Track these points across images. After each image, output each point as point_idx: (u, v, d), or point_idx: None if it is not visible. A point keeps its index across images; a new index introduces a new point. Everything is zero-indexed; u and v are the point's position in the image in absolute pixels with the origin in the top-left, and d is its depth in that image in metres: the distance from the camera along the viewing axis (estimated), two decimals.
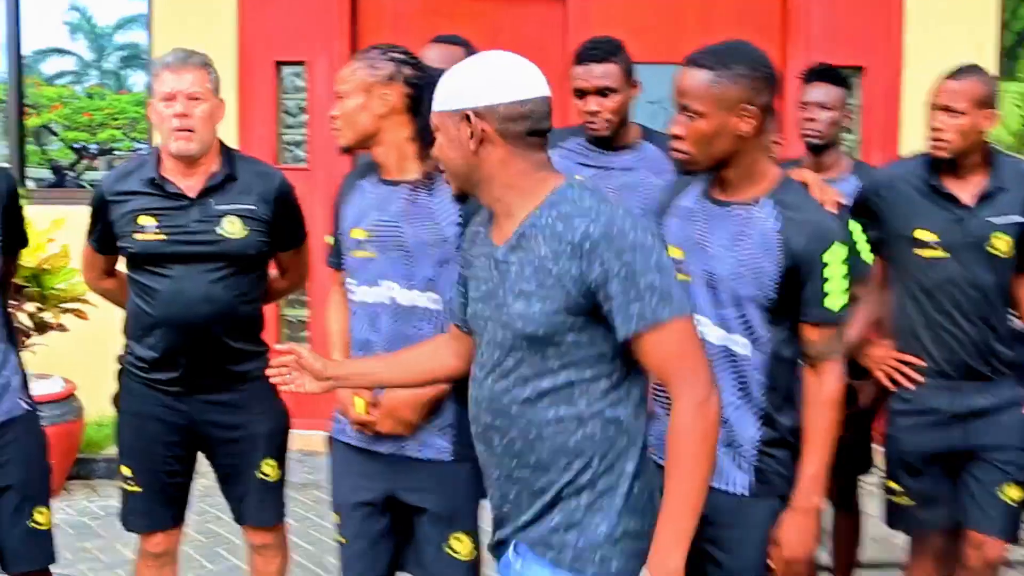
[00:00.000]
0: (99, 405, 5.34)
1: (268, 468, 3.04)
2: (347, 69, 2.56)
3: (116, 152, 6.33)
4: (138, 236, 2.89)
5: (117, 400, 3.08)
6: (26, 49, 6.08)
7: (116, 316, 3.13)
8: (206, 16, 5.68)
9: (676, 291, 1.89)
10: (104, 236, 2.98)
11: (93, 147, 6.30)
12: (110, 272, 3.13)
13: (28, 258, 4.70)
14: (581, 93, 3.04)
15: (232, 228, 2.91)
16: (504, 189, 1.96)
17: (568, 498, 1.95)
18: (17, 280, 4.70)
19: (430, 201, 2.54)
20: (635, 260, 1.85)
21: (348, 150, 2.62)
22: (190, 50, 2.93)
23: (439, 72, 2.41)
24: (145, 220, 2.91)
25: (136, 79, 6.48)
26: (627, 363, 1.94)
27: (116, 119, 6.14)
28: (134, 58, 6.31)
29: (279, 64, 5.73)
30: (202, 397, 2.96)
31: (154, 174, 2.92)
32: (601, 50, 3.02)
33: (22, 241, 2.97)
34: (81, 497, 5.10)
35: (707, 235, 2.29)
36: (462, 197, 2.28)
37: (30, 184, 6.18)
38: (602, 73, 3.00)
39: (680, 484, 1.88)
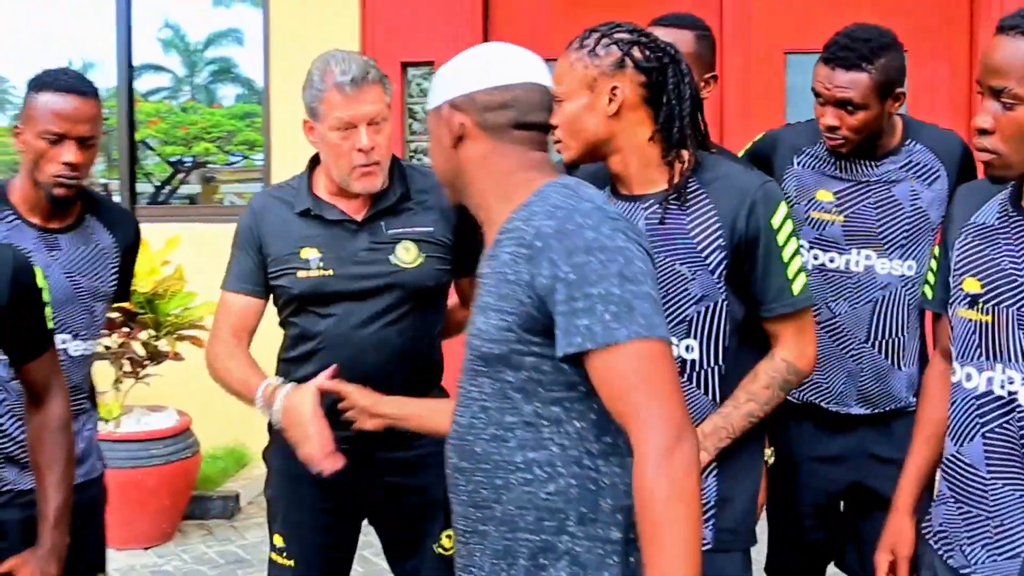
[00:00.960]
0: (213, 437, 5.02)
1: (448, 540, 2.50)
2: (561, 64, 2.04)
3: (210, 164, 6.31)
4: (302, 273, 2.40)
5: (268, 455, 2.60)
6: (108, 67, 5.96)
7: None
8: (327, 14, 5.30)
9: (644, 307, 1.51)
10: (256, 276, 2.45)
11: (188, 160, 6.28)
12: (253, 331, 2.49)
13: (142, 282, 4.36)
14: (820, 99, 2.49)
15: (407, 256, 2.42)
16: (484, 194, 1.71)
17: (543, 568, 1.60)
18: (130, 306, 4.37)
19: (683, 218, 2.01)
20: (589, 263, 1.51)
21: (573, 165, 2.11)
22: (360, 59, 2.37)
23: (676, 51, 1.97)
24: (309, 252, 2.41)
25: (226, 92, 6.56)
26: None
27: (210, 132, 6.11)
28: (224, 72, 6.31)
29: (405, 65, 5.30)
30: (373, 455, 2.43)
31: (311, 198, 2.44)
32: (855, 52, 2.41)
33: (125, 296, 2.67)
34: (197, 540, 4.69)
35: (1021, 262, 1.75)
36: (459, 209, 1.95)
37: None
38: (848, 83, 2.41)
39: (653, 561, 1.45)
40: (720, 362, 2.02)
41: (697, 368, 2.01)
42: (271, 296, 2.47)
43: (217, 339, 2.43)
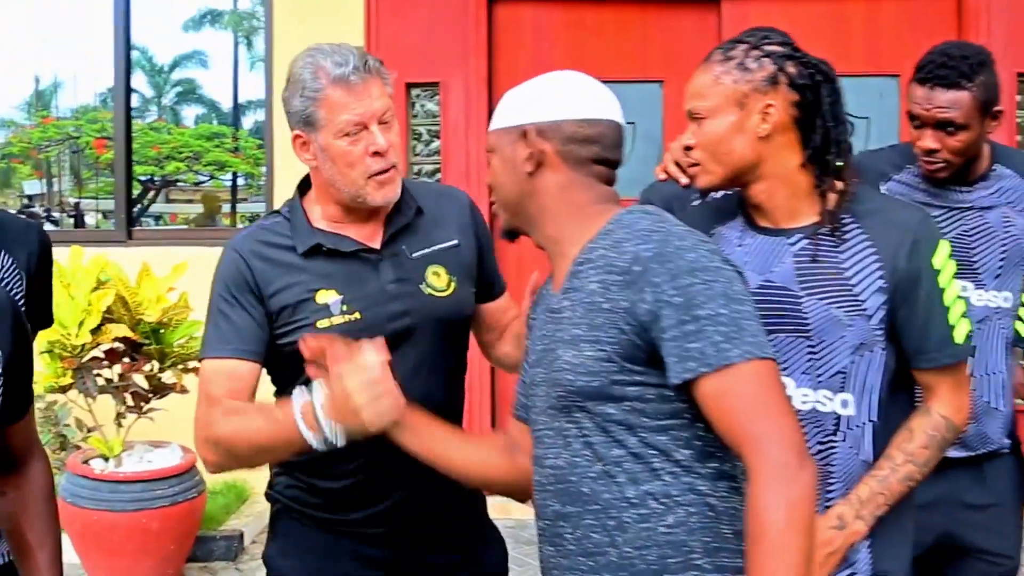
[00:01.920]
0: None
1: None
2: (702, 78, 1.82)
3: (179, 184, 6.32)
4: (323, 323, 1.95)
5: (269, 557, 2.15)
6: (100, 88, 5.92)
7: None
8: (329, 32, 5.10)
9: (752, 327, 1.49)
10: (256, 336, 1.97)
11: (158, 180, 6.28)
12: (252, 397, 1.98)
13: (148, 312, 4.14)
14: (917, 121, 2.33)
15: (439, 282, 2.05)
16: (559, 225, 1.66)
17: None
18: (135, 337, 4.15)
19: (837, 255, 1.80)
20: (694, 285, 1.49)
21: (706, 193, 1.90)
22: (352, 48, 2.00)
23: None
24: (326, 296, 1.97)
25: (189, 112, 6.64)
26: None
27: (181, 152, 6.06)
28: (189, 93, 6.33)
29: (409, 86, 5.14)
30: (418, 535, 2.03)
31: (313, 238, 2.01)
32: (954, 71, 2.27)
33: (47, 322, 2.11)
34: None
35: None
36: (511, 235, 1.78)
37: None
38: (949, 102, 2.26)
39: None
40: (875, 417, 1.80)
41: (851, 425, 1.80)
42: (274, 361, 2.00)
43: (210, 425, 1.86)
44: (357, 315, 1.96)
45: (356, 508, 2.02)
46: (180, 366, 4.31)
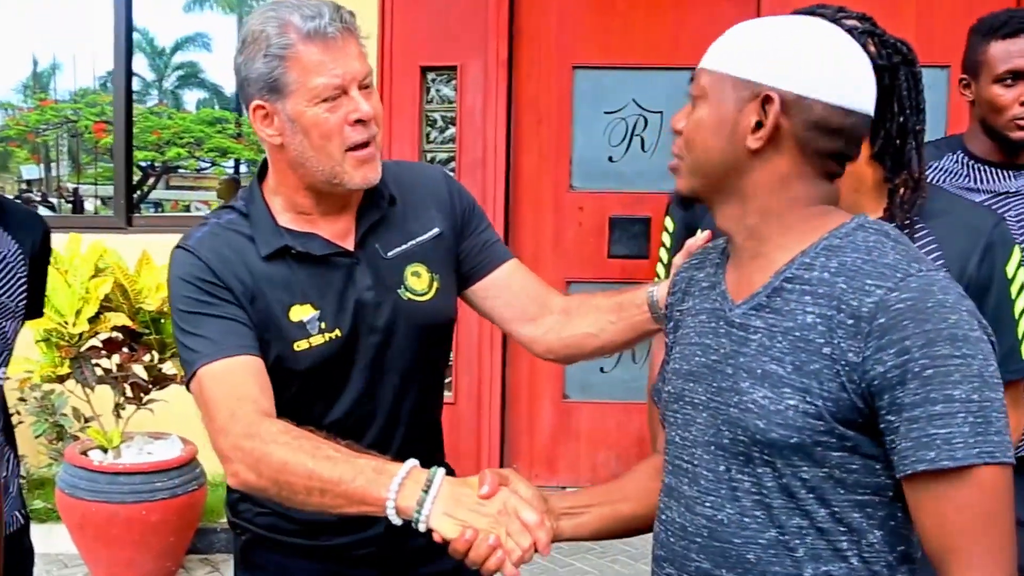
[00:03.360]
0: (213, 461, 4.61)
1: None
2: None
3: (181, 170, 6.23)
4: (301, 345, 1.72)
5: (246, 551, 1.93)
6: (100, 70, 5.88)
7: None
8: None
9: (1000, 423, 1.24)
10: (251, 333, 1.71)
11: (158, 166, 6.22)
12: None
13: (148, 300, 4.03)
14: (1006, 78, 2.26)
15: (419, 284, 1.82)
16: (767, 220, 1.36)
17: None
18: (135, 326, 4.05)
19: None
20: (952, 358, 1.21)
21: None
22: (327, 3, 1.70)
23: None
24: (301, 313, 1.73)
25: (190, 97, 6.64)
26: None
27: (182, 138, 6.03)
28: (191, 76, 6.28)
29: (424, 69, 4.99)
30: (408, 550, 1.78)
31: (280, 238, 1.75)
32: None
33: (38, 311, 2.06)
34: None
35: None
36: (687, 202, 1.49)
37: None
38: None
39: None
40: None
41: None
42: None
43: (244, 433, 1.57)
44: (337, 332, 1.74)
45: (343, 533, 1.81)
46: None
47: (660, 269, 2.33)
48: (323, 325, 1.73)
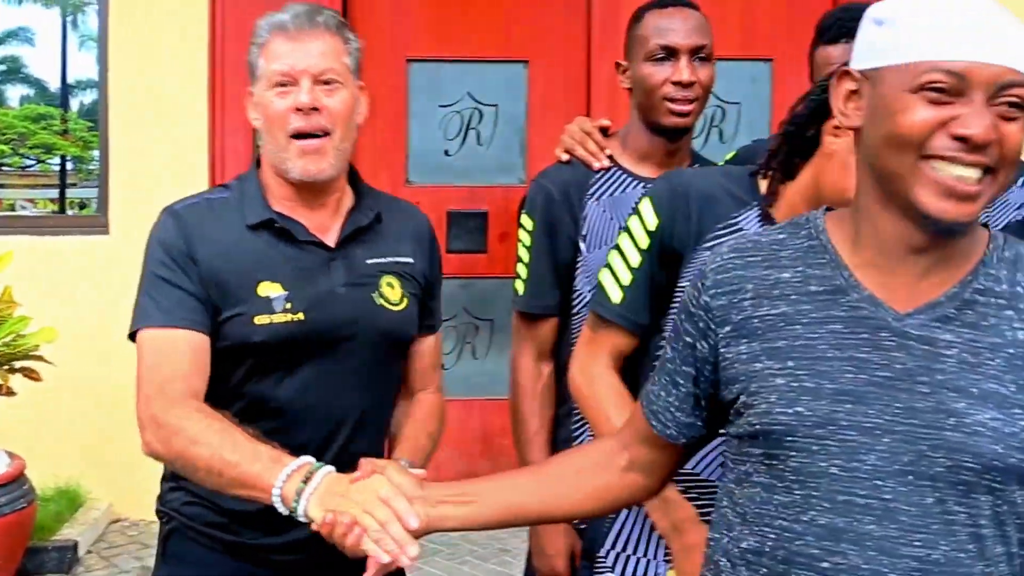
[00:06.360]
0: (43, 476, 4.46)
1: None
2: None
3: (4, 167, 5.92)
4: (262, 319, 1.79)
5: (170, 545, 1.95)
6: None
7: (74, 375, 1.97)
8: (170, 9, 4.87)
9: None
10: (203, 308, 1.79)
11: None
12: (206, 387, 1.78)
13: None
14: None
15: (392, 294, 1.90)
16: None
17: None
18: None
19: None
20: None
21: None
22: (315, 5, 1.88)
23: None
24: (270, 289, 1.80)
25: (13, 92, 6.20)
26: None
27: (4, 134, 5.70)
28: (14, 72, 5.94)
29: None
30: (336, 567, 1.72)
31: (268, 211, 1.85)
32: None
33: None
34: None
35: None
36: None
37: None
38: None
39: None
40: None
41: None
42: None
43: (168, 402, 1.69)
44: (300, 316, 1.80)
45: (275, 532, 1.81)
46: (6, 366, 3.98)
47: (521, 269, 2.35)
48: (288, 306, 1.80)
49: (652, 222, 1.82)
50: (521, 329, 2.35)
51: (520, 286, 2.32)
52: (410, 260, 1.96)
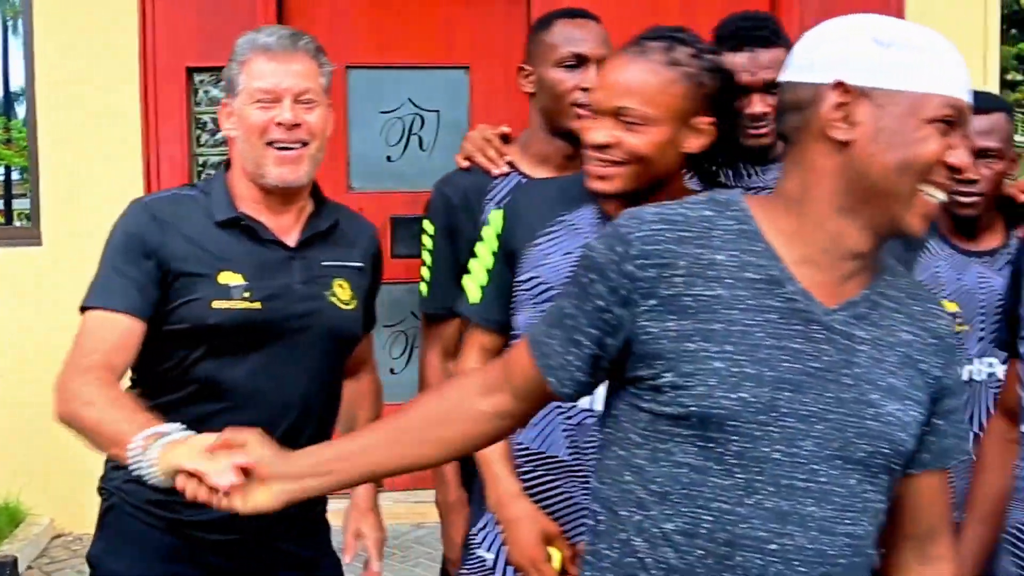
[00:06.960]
0: None
1: None
2: None
3: None
4: (219, 303, 1.92)
5: (96, 557, 2.03)
6: None
7: (11, 390, 1.92)
8: (99, 16, 4.77)
9: None
10: (147, 294, 1.91)
11: None
12: (128, 367, 1.92)
13: None
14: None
15: (343, 295, 2.07)
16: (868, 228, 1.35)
17: None
18: None
19: None
20: (960, 370, 1.54)
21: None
22: (294, 30, 2.06)
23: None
24: (229, 278, 1.94)
25: None
26: None
27: None
28: None
29: (191, 70, 4.85)
30: (273, 548, 1.99)
31: (234, 211, 2.00)
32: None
33: None
34: None
35: None
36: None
37: None
38: (987, 127, 2.32)
39: None
40: None
41: None
42: (154, 332, 1.91)
43: (78, 370, 1.81)
44: (257, 304, 1.93)
45: (212, 509, 1.79)
46: None
47: (425, 272, 2.40)
48: (247, 294, 1.93)
49: (499, 226, 1.97)
50: (427, 330, 2.44)
51: (424, 288, 2.42)
52: (360, 265, 2.11)
